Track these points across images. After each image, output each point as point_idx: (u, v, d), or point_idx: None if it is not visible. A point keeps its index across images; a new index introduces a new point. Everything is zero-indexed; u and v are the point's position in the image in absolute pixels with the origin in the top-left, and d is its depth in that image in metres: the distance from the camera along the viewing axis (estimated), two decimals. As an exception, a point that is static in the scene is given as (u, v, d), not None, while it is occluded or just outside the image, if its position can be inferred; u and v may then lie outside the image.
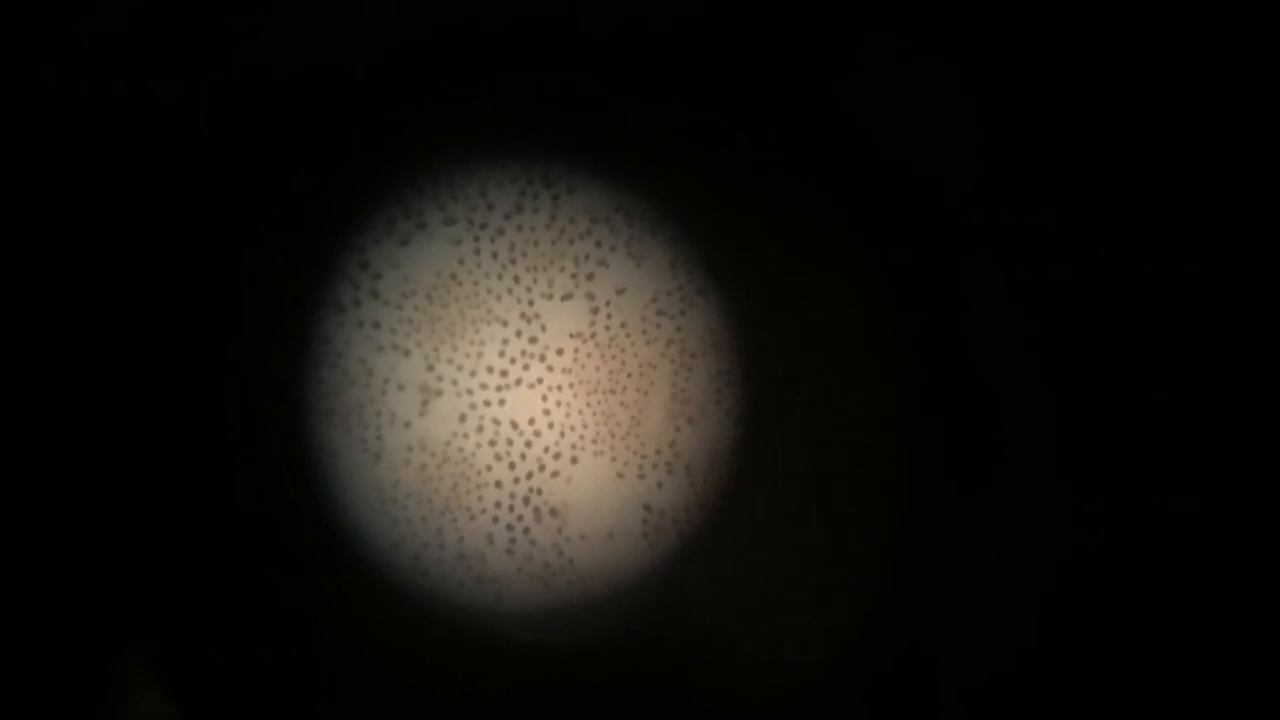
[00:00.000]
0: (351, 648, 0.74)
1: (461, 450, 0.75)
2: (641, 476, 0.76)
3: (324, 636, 0.74)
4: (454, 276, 0.76)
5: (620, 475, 0.76)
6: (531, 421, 0.76)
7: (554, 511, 0.76)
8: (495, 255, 0.76)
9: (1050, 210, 0.70)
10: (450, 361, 0.76)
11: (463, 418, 0.75)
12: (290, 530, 0.74)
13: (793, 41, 0.72)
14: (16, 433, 0.67)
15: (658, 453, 0.76)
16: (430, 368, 0.75)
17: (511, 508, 0.76)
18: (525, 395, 0.76)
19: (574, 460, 0.76)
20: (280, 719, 0.73)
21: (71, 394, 0.69)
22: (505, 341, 0.76)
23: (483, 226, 0.76)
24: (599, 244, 0.76)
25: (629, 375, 0.76)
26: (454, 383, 0.76)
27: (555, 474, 0.76)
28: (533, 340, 0.76)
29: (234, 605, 0.72)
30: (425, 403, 0.75)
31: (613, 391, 0.76)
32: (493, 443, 0.76)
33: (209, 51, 0.69)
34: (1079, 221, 0.70)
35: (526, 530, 0.76)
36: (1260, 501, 0.69)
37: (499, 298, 0.76)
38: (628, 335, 0.76)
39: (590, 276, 0.76)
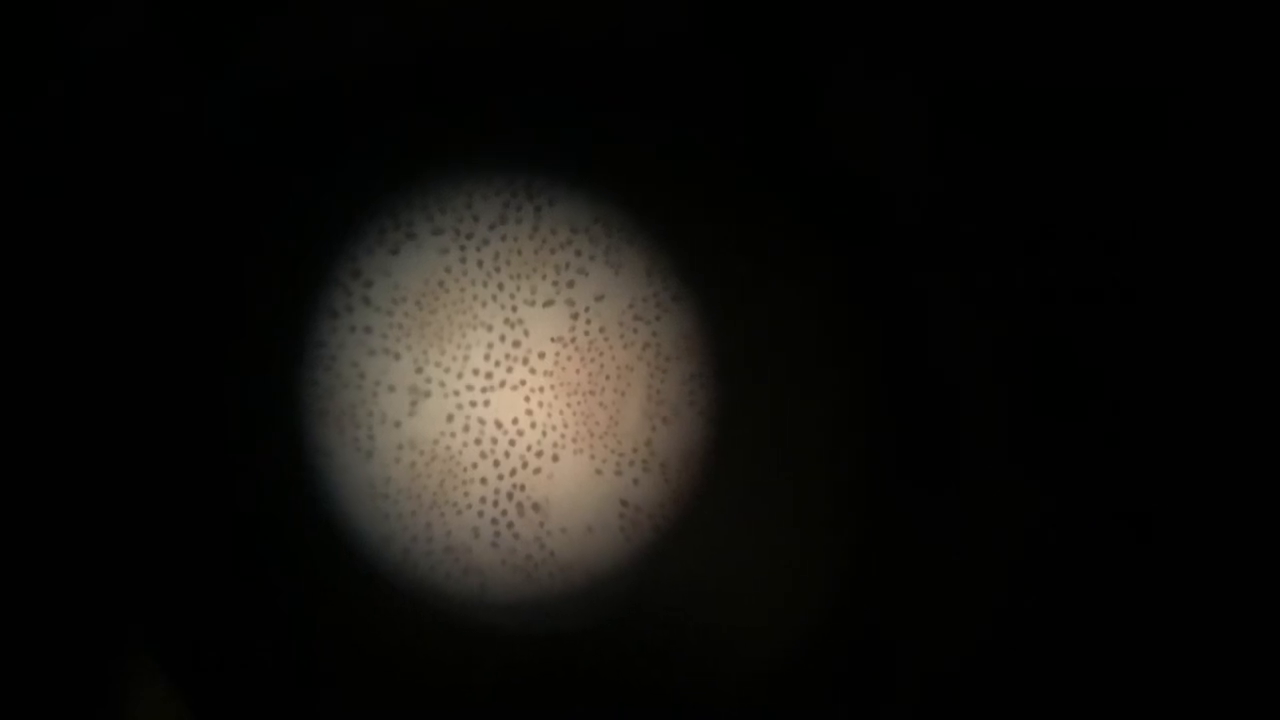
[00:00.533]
0: (346, 638, 0.74)
1: (449, 449, 0.75)
2: (619, 473, 0.76)
3: (321, 627, 0.74)
4: (441, 284, 0.75)
5: (599, 472, 0.76)
6: (515, 421, 0.75)
7: (536, 506, 0.75)
8: (480, 264, 0.75)
9: (1006, 221, 0.71)
10: (438, 364, 0.75)
11: (450, 418, 0.75)
12: (287, 526, 0.75)
13: (764, 62, 0.72)
14: (29, 432, 0.68)
15: (634, 451, 0.76)
16: (419, 370, 0.75)
17: (496, 503, 0.75)
18: (509, 396, 0.75)
19: (555, 458, 0.75)
20: (280, 708, 0.73)
21: (80, 396, 0.69)
22: (490, 345, 0.75)
23: (469, 236, 0.75)
24: (579, 253, 0.76)
25: (607, 377, 0.76)
26: (441, 384, 0.75)
27: (537, 471, 0.75)
28: (516, 344, 0.75)
29: (232, 596, 0.72)
30: (414, 403, 0.75)
31: (592, 393, 0.75)
32: (478, 441, 0.75)
33: (211, 68, 0.70)
34: (1033, 232, 0.71)
35: (510, 524, 0.75)
36: (1207, 498, 0.70)
37: (484, 304, 0.75)
38: (606, 339, 0.76)
39: (570, 284, 0.76)
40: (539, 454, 0.76)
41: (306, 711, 0.73)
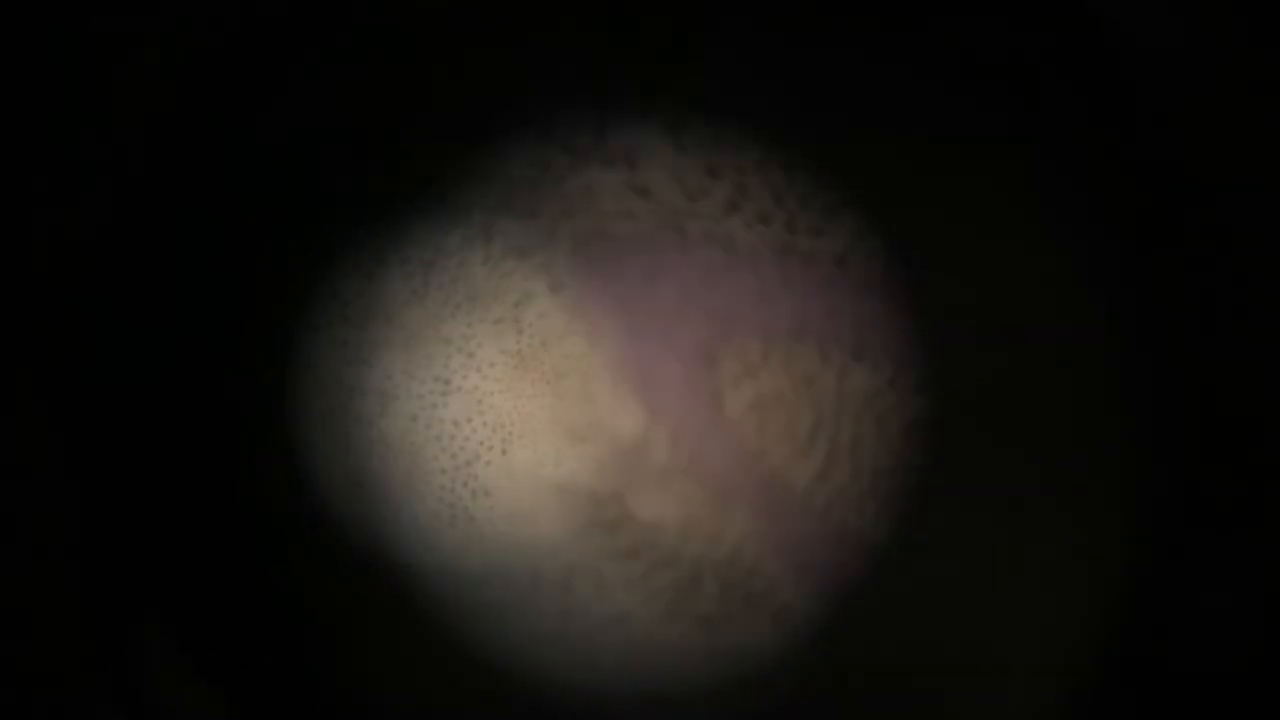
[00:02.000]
0: (332, 608, 0.79)
1: (413, 444, 0.78)
2: (557, 466, 0.79)
3: (310, 603, 0.79)
4: (408, 304, 0.78)
5: (539, 464, 0.78)
6: (469, 420, 0.78)
7: (487, 493, 0.78)
8: (441, 287, 0.78)
9: (906, 253, 0.77)
10: (405, 372, 0.78)
11: (414, 417, 0.78)
12: (279, 515, 0.79)
13: (692, 106, 0.77)
14: (50, 433, 0.68)
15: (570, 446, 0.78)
16: (389, 377, 0.78)
17: (453, 490, 0.78)
18: (464, 400, 0.78)
19: (503, 452, 0.78)
20: (280, 707, 0.75)
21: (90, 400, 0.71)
22: (449, 356, 0.78)
23: (431, 264, 0.79)
24: (524, 278, 0.78)
25: (547, 384, 0.78)
26: (408, 389, 0.78)
27: (488, 463, 0.78)
28: (470, 355, 0.78)
29: (231, 594, 0.76)
30: (385, 405, 0.78)
31: (534, 397, 0.78)
32: (439, 438, 0.78)
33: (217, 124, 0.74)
34: (920, 259, 0.77)
35: (465, 508, 0.78)
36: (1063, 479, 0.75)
37: (444, 321, 0.78)
38: (546, 351, 0.78)
39: (517, 304, 0.78)
40: (490, 448, 0.78)
41: (306, 710, 0.75)
